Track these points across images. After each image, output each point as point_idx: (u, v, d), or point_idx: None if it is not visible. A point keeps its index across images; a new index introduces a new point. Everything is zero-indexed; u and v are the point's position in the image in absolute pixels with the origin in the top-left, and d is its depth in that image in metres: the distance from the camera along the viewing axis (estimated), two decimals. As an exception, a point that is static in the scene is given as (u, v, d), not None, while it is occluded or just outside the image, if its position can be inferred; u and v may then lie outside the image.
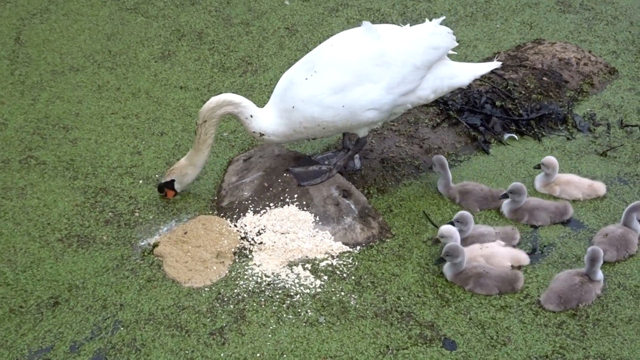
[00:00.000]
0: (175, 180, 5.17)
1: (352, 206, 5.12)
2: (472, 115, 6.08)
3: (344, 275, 4.77)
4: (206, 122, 5.03)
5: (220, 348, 4.30)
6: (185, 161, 5.16)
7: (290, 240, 4.91)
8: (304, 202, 5.06)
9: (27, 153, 5.59)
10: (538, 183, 5.50)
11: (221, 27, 7.11)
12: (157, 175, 5.43)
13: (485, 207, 5.32)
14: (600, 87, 6.58)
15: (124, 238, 4.96)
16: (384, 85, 4.98)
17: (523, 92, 6.33)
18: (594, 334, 4.51)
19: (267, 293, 4.61)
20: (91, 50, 6.71)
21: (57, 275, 4.68)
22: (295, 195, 5.09)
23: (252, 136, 5.14)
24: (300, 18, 7.28)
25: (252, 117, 5.04)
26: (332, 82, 4.94)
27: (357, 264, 4.86)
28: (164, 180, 5.18)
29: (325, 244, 4.93)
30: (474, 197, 5.32)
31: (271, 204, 5.07)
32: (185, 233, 4.93)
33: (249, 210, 5.06)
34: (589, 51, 6.91)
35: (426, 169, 5.59)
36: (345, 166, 5.38)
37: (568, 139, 6.04)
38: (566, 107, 6.29)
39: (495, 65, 5.42)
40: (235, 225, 5.02)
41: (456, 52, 5.53)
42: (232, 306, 4.52)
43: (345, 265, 4.84)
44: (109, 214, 5.13)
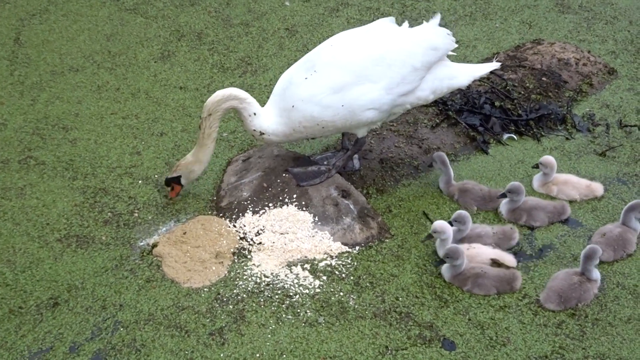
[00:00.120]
0: (182, 175, 5.17)
1: (351, 206, 5.12)
2: (471, 115, 6.08)
3: (343, 275, 4.77)
4: (211, 116, 5.02)
5: (220, 348, 4.30)
6: (191, 157, 5.14)
7: (289, 240, 4.91)
8: (303, 203, 5.06)
9: (27, 153, 5.58)
10: (536, 183, 5.50)
11: (221, 28, 7.11)
12: (156, 176, 5.43)
13: (483, 207, 5.32)
14: (599, 87, 6.58)
15: (123, 238, 4.96)
16: (384, 86, 4.98)
17: (522, 92, 6.33)
18: (593, 333, 4.51)
19: (266, 293, 4.61)
20: (91, 50, 6.71)
21: (57, 276, 4.68)
22: (294, 196, 5.09)
23: (252, 135, 5.14)
24: (300, 19, 7.27)
25: (255, 114, 5.04)
26: (332, 82, 4.95)
27: (356, 264, 4.86)
28: (171, 175, 5.18)
29: (324, 244, 4.93)
30: (472, 195, 5.32)
31: (270, 204, 5.07)
32: (185, 233, 4.93)
33: (248, 211, 5.06)
34: (588, 51, 6.91)
35: (426, 167, 5.59)
36: (344, 166, 5.38)
37: (567, 139, 6.04)
38: (565, 107, 6.29)
39: (495, 66, 5.42)
40: (234, 226, 5.02)
41: (455, 53, 5.54)
42: (231, 306, 4.53)
43: (344, 265, 4.84)
44: (108, 214, 5.13)
